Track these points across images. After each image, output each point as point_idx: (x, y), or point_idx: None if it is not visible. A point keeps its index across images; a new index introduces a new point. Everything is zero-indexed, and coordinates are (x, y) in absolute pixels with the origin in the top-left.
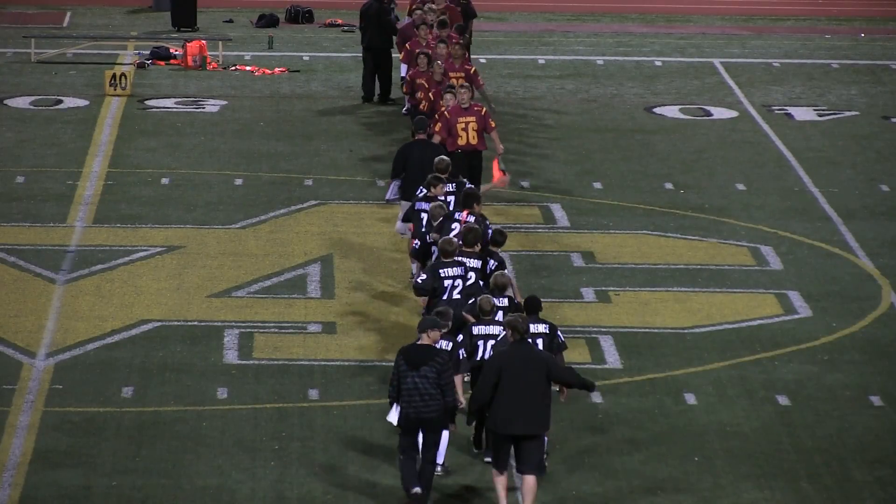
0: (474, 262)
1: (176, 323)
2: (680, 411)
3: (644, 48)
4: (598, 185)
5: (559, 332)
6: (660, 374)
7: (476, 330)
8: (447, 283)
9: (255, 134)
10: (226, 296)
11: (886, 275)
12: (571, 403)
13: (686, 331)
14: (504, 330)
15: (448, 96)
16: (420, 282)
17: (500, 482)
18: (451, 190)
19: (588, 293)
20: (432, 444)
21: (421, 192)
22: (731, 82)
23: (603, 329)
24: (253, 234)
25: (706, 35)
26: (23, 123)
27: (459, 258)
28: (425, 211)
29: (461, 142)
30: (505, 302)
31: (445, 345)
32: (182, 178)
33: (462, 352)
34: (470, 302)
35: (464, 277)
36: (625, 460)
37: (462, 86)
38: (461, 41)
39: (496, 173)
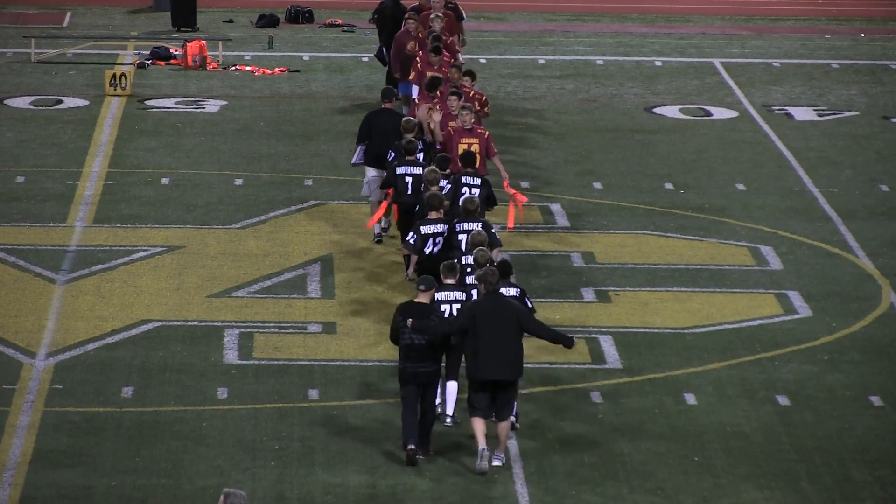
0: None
1: (176, 323)
2: (680, 411)
3: (644, 48)
4: (598, 185)
5: (528, 299)
6: (660, 374)
7: (470, 279)
8: (461, 237)
9: (255, 134)
10: (226, 296)
11: (886, 275)
12: (571, 403)
13: (686, 331)
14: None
15: (452, 97)
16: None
17: (479, 425)
18: (475, 183)
19: (588, 293)
20: (431, 398)
21: (391, 155)
22: (731, 82)
23: (603, 329)
24: (253, 234)
25: (706, 35)
26: (23, 123)
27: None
28: (410, 175)
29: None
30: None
31: (460, 296)
32: (182, 178)
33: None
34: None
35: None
36: (625, 460)
37: (464, 106)
38: (456, 56)
39: (518, 196)
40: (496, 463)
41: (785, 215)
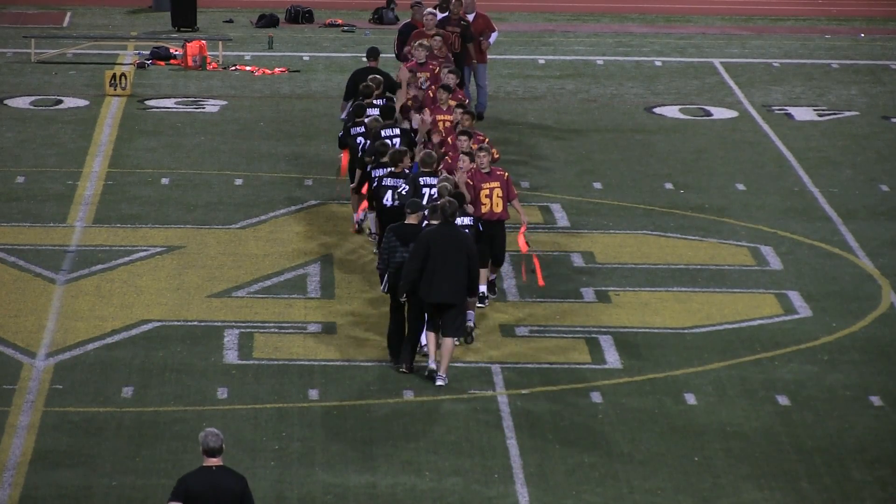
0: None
1: (176, 323)
2: (680, 411)
3: (644, 48)
4: (598, 185)
5: (480, 224)
6: (660, 374)
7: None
8: (425, 190)
9: (255, 134)
10: (226, 296)
11: (886, 275)
12: (571, 403)
13: (686, 331)
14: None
15: (463, 137)
16: (405, 193)
17: (430, 339)
18: (395, 133)
19: (588, 293)
20: (415, 311)
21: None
22: (731, 82)
23: (603, 329)
24: (253, 234)
25: (706, 35)
26: (23, 123)
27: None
28: (361, 135)
29: (484, 210)
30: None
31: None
32: (182, 178)
33: None
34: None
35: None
36: (625, 460)
37: (481, 148)
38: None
39: (522, 245)
40: (439, 383)
41: (785, 215)
